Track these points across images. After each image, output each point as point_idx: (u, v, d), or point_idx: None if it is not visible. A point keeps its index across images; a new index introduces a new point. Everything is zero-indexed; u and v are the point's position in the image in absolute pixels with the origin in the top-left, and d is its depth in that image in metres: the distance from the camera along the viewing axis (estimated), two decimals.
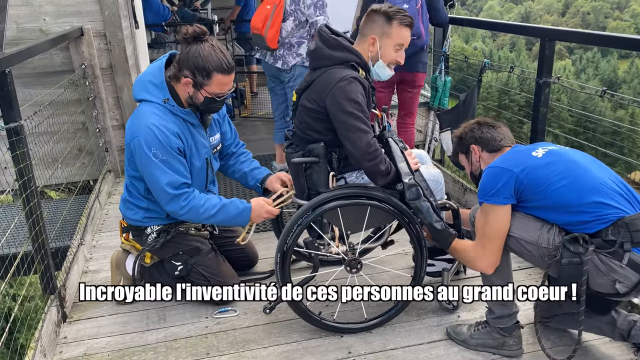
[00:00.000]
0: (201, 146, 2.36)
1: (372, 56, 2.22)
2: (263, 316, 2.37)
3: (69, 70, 3.81)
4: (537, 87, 2.78)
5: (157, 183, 2.20)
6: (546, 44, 2.70)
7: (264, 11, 3.47)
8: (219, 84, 2.20)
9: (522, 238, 1.93)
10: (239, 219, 2.33)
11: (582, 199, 1.84)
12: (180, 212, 2.25)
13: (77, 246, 2.87)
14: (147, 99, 2.24)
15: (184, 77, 2.18)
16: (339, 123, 2.08)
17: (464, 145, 2.22)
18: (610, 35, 2.68)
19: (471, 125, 2.22)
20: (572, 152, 1.98)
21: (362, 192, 2.12)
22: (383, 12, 2.18)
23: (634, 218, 1.78)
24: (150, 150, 2.16)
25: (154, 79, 2.24)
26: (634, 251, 1.79)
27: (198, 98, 2.23)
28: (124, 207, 2.46)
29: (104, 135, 4.08)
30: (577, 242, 1.84)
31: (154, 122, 2.18)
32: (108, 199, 3.84)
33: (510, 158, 1.99)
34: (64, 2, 3.77)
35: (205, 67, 2.14)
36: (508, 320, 2.09)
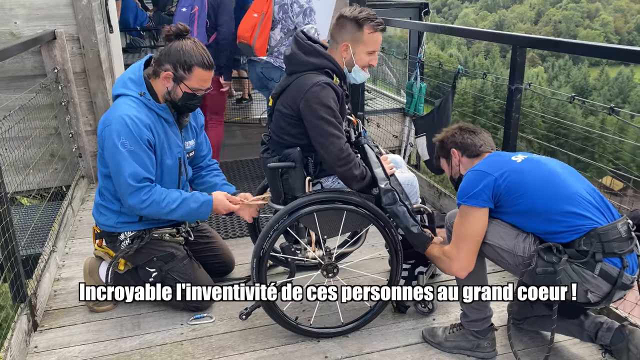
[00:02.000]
0: (174, 145, 2.35)
1: (347, 62, 2.23)
2: (239, 322, 2.36)
3: (41, 75, 3.74)
4: (509, 93, 2.84)
5: (121, 174, 2.18)
6: (517, 51, 2.76)
7: (252, 19, 3.44)
8: (199, 79, 2.23)
9: (498, 246, 1.96)
10: (201, 212, 2.32)
11: (556, 207, 1.87)
12: (142, 206, 2.22)
13: (49, 253, 2.81)
14: (124, 93, 2.25)
15: (165, 71, 2.22)
16: (312, 128, 2.09)
17: (445, 150, 2.24)
18: (577, 43, 2.76)
19: (453, 130, 2.24)
20: (552, 162, 2.01)
21: (338, 197, 2.13)
22: (353, 19, 2.17)
23: (606, 229, 1.82)
24: (119, 139, 2.16)
25: (133, 75, 2.29)
26: (606, 261, 1.83)
27: (177, 93, 2.25)
28: (97, 213, 2.42)
29: (77, 140, 4.02)
30: (551, 252, 1.87)
31: (128, 112, 2.19)
32: (81, 205, 3.78)
33: (490, 162, 2.02)
34: (36, 6, 3.71)
35: (187, 61, 2.19)
36: (482, 323, 2.12)
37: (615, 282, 1.83)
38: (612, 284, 1.83)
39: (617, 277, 1.82)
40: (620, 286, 1.84)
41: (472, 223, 1.96)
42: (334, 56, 2.22)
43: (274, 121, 2.26)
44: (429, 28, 4.40)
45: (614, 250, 1.82)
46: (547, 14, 69.09)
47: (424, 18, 5.19)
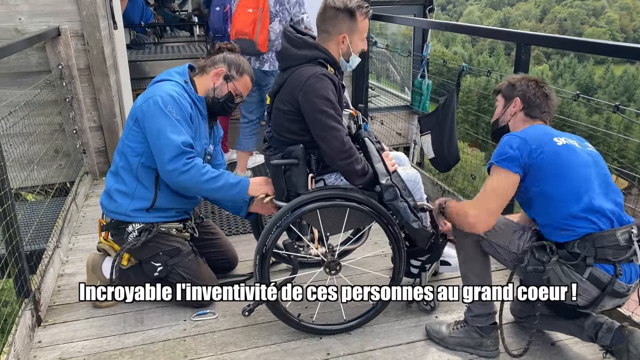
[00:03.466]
0: (203, 136, 2.44)
1: (344, 52, 2.21)
2: (242, 318, 2.36)
3: (46, 71, 3.75)
4: None
5: (169, 138, 2.18)
6: (522, 48, 2.76)
7: (248, 15, 3.43)
8: (245, 85, 2.47)
9: (494, 242, 1.98)
10: (236, 190, 2.30)
11: (569, 208, 1.84)
12: (182, 169, 2.18)
13: (52, 249, 2.82)
14: (166, 79, 2.36)
15: (218, 68, 2.40)
16: (312, 122, 2.09)
17: (510, 93, 2.13)
18: (582, 41, 2.75)
19: (531, 81, 2.12)
20: (587, 155, 1.94)
21: (341, 194, 2.13)
22: (345, 9, 2.14)
23: (602, 235, 1.81)
24: (166, 107, 2.22)
25: (180, 69, 2.43)
26: (597, 267, 1.82)
27: (222, 90, 2.42)
28: (107, 200, 2.42)
29: (81, 136, 4.03)
30: (544, 250, 1.88)
31: (174, 89, 2.29)
32: (85, 201, 3.79)
33: (533, 133, 1.95)
34: (41, 2, 3.71)
35: (241, 65, 2.44)
36: (486, 319, 2.12)
37: (604, 288, 1.83)
38: (601, 290, 1.83)
39: (607, 283, 1.82)
40: (611, 293, 1.83)
41: (501, 181, 1.92)
42: (327, 46, 2.19)
43: (273, 119, 2.25)
44: (434, 25, 4.39)
45: (607, 257, 1.81)
46: (553, 11, 68.80)
47: (428, 15, 5.18)
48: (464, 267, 2.12)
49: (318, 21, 2.22)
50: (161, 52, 6.10)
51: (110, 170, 2.46)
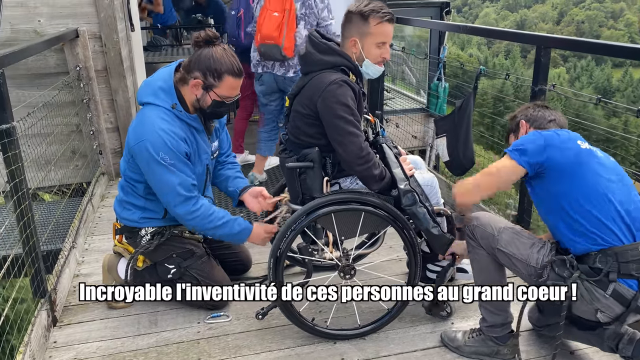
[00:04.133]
0: (203, 152, 2.36)
1: (357, 57, 2.20)
2: (256, 322, 2.35)
3: (64, 72, 3.79)
4: (532, 94, 2.79)
5: (168, 185, 2.19)
6: (542, 52, 2.71)
7: (274, 19, 3.30)
8: (229, 87, 2.20)
9: (512, 255, 1.94)
10: (238, 237, 2.36)
11: (590, 210, 1.80)
12: (188, 217, 2.24)
13: (68, 249, 2.84)
14: (153, 103, 2.22)
15: (194, 79, 2.18)
16: (330, 127, 2.08)
17: (515, 122, 2.17)
18: (604, 44, 2.69)
19: (527, 105, 2.20)
20: (611, 165, 1.91)
21: (357, 198, 2.11)
22: (358, 12, 2.14)
23: (625, 249, 1.76)
24: (158, 155, 2.15)
25: (164, 84, 2.24)
26: (620, 282, 1.77)
27: (206, 101, 2.22)
28: (120, 207, 2.44)
29: (97, 137, 4.06)
30: (564, 265, 1.84)
31: (163, 127, 2.16)
32: (101, 202, 3.82)
33: (559, 133, 1.93)
34: (60, 4, 3.75)
35: (217, 69, 2.15)
36: (501, 329, 2.08)
37: (629, 305, 1.77)
38: (625, 306, 1.78)
39: (631, 299, 1.77)
40: (635, 309, 1.78)
41: (503, 169, 1.93)
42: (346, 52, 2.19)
43: (291, 121, 2.24)
44: (452, 28, 4.35)
45: (630, 272, 1.75)
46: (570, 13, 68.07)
47: (445, 17, 5.14)
48: (479, 278, 2.09)
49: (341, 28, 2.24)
50: (177, 54, 6.14)
51: (120, 182, 2.45)
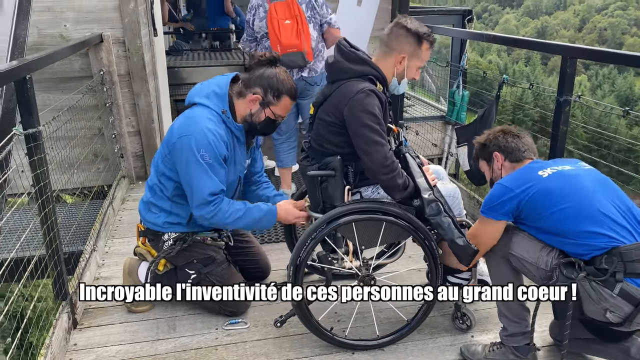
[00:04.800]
0: (239, 163, 2.40)
1: (398, 73, 2.21)
2: (274, 329, 2.35)
3: (88, 76, 3.85)
4: (557, 105, 2.75)
5: (198, 186, 2.21)
6: (568, 62, 2.67)
7: (288, 27, 3.30)
8: (284, 107, 2.33)
9: (523, 258, 1.97)
10: (264, 222, 2.34)
11: (575, 227, 1.85)
12: (208, 216, 2.25)
13: (89, 252, 2.87)
14: (204, 104, 2.27)
15: (253, 94, 2.27)
16: (356, 136, 2.07)
17: (487, 152, 2.22)
18: (632, 55, 2.62)
19: (496, 132, 2.22)
20: (584, 175, 1.95)
21: (378, 207, 2.09)
22: (414, 33, 2.15)
23: (629, 248, 1.77)
24: (199, 151, 2.18)
25: (219, 89, 2.31)
26: (627, 281, 1.76)
27: (260, 116, 2.31)
28: (145, 210, 2.45)
29: (119, 141, 4.11)
30: (572, 267, 1.85)
31: (209, 126, 2.21)
32: (122, 205, 3.85)
33: (517, 176, 2.01)
34: (85, 9, 3.81)
35: (279, 88, 2.27)
36: (521, 339, 2.07)
37: (638, 304, 1.76)
38: (634, 305, 1.77)
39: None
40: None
41: (486, 233, 2.03)
42: (383, 62, 2.19)
43: (314, 129, 2.24)
44: (474, 36, 4.32)
45: (637, 270, 1.76)
46: (592, 20, 67.20)
47: (467, 25, 5.11)
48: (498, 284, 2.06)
49: (384, 35, 2.23)
50: (198, 59, 6.19)
51: (148, 182, 2.47)
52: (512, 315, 2.06)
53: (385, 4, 4.54)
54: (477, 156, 2.31)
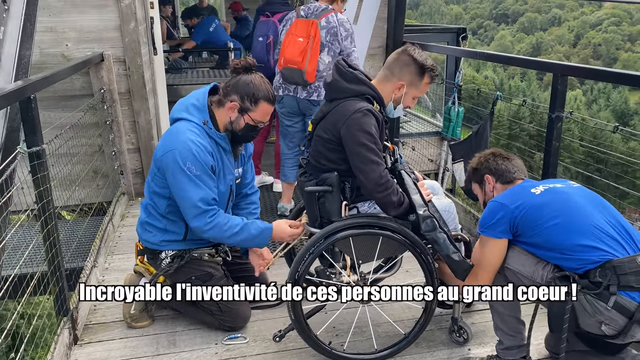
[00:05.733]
0: (228, 172, 2.43)
1: (395, 98, 2.28)
2: (273, 344, 2.37)
3: (88, 94, 3.90)
4: (549, 121, 2.81)
5: (189, 197, 2.24)
6: (559, 79, 2.74)
7: (298, 44, 3.36)
8: (263, 112, 2.33)
9: (518, 271, 2.00)
10: (260, 239, 2.38)
11: (568, 241, 1.89)
12: (205, 228, 2.28)
13: (90, 268, 2.90)
14: (185, 118, 2.31)
15: (231, 102, 2.30)
16: (353, 154, 2.12)
17: (479, 175, 2.29)
18: (621, 73, 2.70)
19: (486, 156, 2.30)
20: (573, 191, 2.02)
21: (375, 222, 2.14)
22: (419, 64, 2.21)
23: (622, 261, 1.81)
24: (185, 165, 2.21)
25: (197, 102, 2.34)
26: (621, 294, 1.80)
27: (239, 123, 2.33)
28: (141, 230, 2.49)
29: (119, 158, 4.15)
30: (567, 280, 1.88)
31: (191, 138, 2.24)
32: (121, 222, 3.89)
33: (510, 194, 2.07)
34: (86, 29, 3.88)
35: (255, 94, 2.29)
36: (517, 352, 2.10)
37: (632, 316, 1.79)
38: (628, 318, 1.80)
39: (634, 311, 1.79)
40: (639, 321, 1.80)
41: (490, 253, 2.04)
42: (383, 85, 2.26)
43: (312, 146, 2.29)
44: (468, 54, 4.40)
45: (630, 283, 1.79)
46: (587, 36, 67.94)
47: (461, 43, 5.20)
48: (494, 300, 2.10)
49: (390, 60, 2.29)
50: (197, 77, 6.27)
51: (142, 203, 2.51)
52: (508, 329, 2.10)
53: (380, 23, 4.64)
54: (469, 179, 2.38)
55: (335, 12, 3.44)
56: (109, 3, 3.86)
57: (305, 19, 3.41)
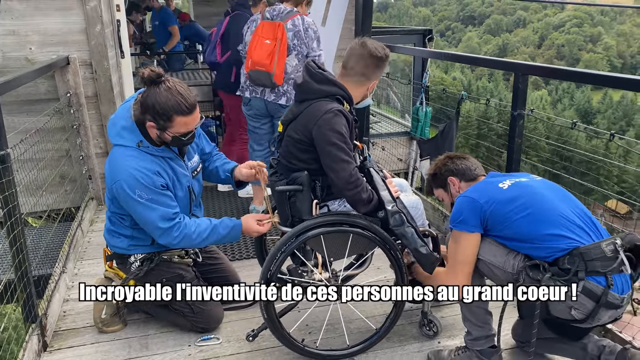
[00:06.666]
0: (182, 176, 2.39)
1: (365, 95, 2.36)
2: (246, 344, 2.38)
3: (54, 99, 3.84)
4: (512, 119, 2.90)
5: (149, 222, 2.24)
6: (520, 78, 2.83)
7: (265, 46, 3.35)
8: (181, 125, 2.20)
9: (490, 262, 2.05)
10: (231, 236, 2.40)
11: (538, 232, 1.95)
12: (174, 242, 2.29)
13: (59, 274, 2.85)
14: (120, 144, 2.25)
15: (148, 121, 2.20)
16: (324, 153, 2.15)
17: (441, 180, 2.35)
18: (577, 71, 2.81)
19: (443, 160, 2.37)
20: (539, 185, 2.09)
21: (345, 220, 2.17)
22: (387, 59, 2.30)
23: (588, 248, 1.88)
24: (135, 193, 2.19)
25: (126, 122, 2.26)
26: (589, 279, 1.87)
27: (165, 138, 2.24)
28: (109, 236, 2.47)
29: (87, 162, 4.09)
30: (537, 269, 1.94)
31: (133, 165, 2.19)
32: (90, 227, 3.83)
33: (478, 189, 2.12)
34: (51, 32, 3.82)
35: (165, 112, 2.14)
36: (485, 342, 2.15)
37: (599, 300, 1.87)
38: (595, 302, 1.87)
39: (601, 295, 1.86)
40: (605, 304, 1.87)
41: (464, 248, 2.07)
42: (355, 88, 2.30)
43: (283, 146, 2.31)
44: (434, 55, 4.49)
45: (596, 268, 1.86)
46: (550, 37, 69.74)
47: (428, 44, 5.30)
48: None
49: (353, 62, 2.29)
50: None
51: (107, 213, 2.48)
52: (476, 320, 2.15)
53: (348, 25, 4.69)
54: (431, 188, 2.43)
55: (300, 14, 3.47)
56: (73, 6, 3.81)
57: (271, 21, 3.42)
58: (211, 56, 4.15)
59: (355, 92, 2.30)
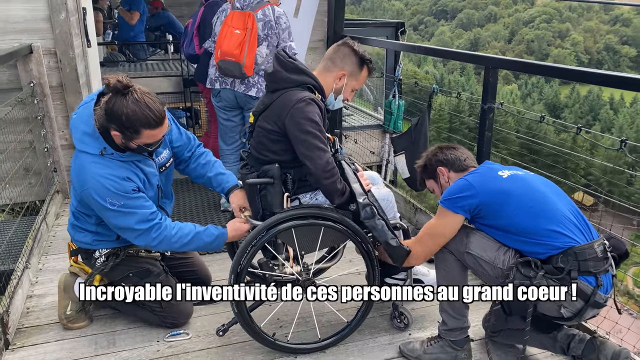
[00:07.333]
0: (152, 176, 2.31)
1: (336, 88, 2.32)
2: (216, 339, 2.35)
3: (17, 88, 3.70)
4: (482, 112, 2.93)
5: (125, 226, 2.16)
6: (490, 72, 2.86)
7: (235, 36, 3.29)
8: (149, 137, 2.11)
9: (479, 257, 2.02)
10: (214, 245, 2.31)
11: (537, 226, 1.93)
12: (152, 244, 2.22)
13: (22, 270, 2.76)
14: (83, 150, 2.15)
15: (113, 130, 2.09)
16: (299, 142, 2.13)
17: (431, 170, 2.32)
18: (545, 65, 2.86)
19: (433, 151, 2.34)
20: (535, 179, 2.07)
21: (316, 213, 2.16)
22: (360, 56, 2.29)
23: (582, 248, 1.89)
24: (106, 201, 2.10)
25: (87, 128, 2.14)
26: (581, 279, 1.89)
27: (130, 146, 2.14)
28: (73, 230, 2.40)
29: (52, 154, 3.97)
30: (529, 266, 1.94)
31: (100, 172, 2.11)
32: (56, 221, 3.73)
33: (479, 175, 2.08)
34: (12, 19, 3.68)
35: (132, 125, 2.04)
36: (459, 333, 2.16)
37: (588, 300, 1.89)
38: (585, 301, 1.90)
39: (590, 295, 1.89)
40: (592, 304, 1.90)
41: (444, 224, 2.07)
42: (323, 76, 2.29)
43: (254, 137, 2.28)
44: (406, 48, 4.50)
45: (589, 269, 1.88)
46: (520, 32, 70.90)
47: (400, 37, 5.31)
48: (444, 282, 2.14)
49: (330, 51, 2.33)
50: (134, 70, 6.08)
51: (71, 207, 2.39)
52: (454, 312, 2.14)
53: (321, 16, 4.66)
54: (422, 179, 2.40)
55: (271, 4, 3.42)
56: None
57: (241, 10, 3.36)
58: (189, 49, 4.07)
59: (324, 80, 2.28)
